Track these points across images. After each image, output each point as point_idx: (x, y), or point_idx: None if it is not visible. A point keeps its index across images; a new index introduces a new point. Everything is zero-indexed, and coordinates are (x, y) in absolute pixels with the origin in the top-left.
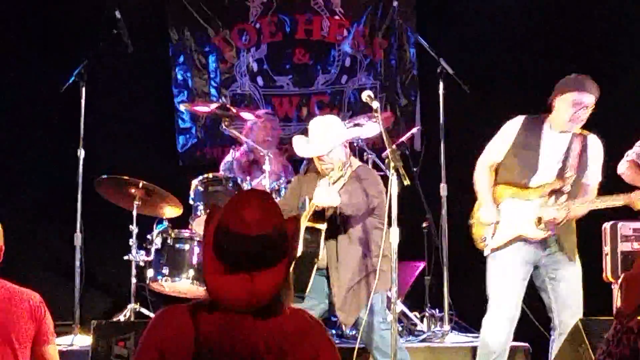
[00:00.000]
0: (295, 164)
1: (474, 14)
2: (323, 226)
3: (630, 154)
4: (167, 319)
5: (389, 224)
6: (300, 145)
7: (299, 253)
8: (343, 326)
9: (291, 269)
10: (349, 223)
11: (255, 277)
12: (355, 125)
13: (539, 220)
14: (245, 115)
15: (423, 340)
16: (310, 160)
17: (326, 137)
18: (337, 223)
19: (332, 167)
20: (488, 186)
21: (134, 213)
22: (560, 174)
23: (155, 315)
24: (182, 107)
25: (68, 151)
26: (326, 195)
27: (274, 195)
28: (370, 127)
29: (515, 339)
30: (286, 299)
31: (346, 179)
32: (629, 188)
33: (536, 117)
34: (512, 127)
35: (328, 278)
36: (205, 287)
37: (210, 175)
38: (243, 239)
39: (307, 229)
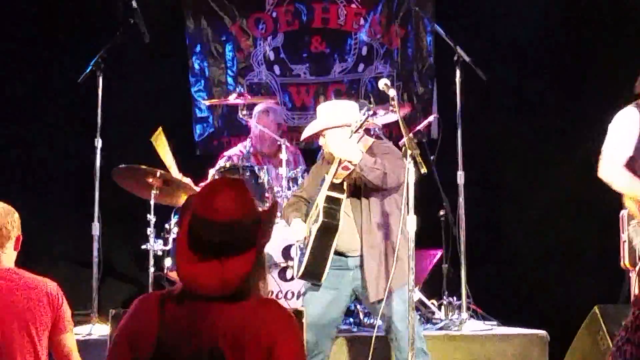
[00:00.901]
0: (308, 153)
1: (493, 1)
2: (342, 196)
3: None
4: (137, 309)
5: (407, 212)
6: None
7: (320, 223)
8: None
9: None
10: (370, 196)
11: (225, 264)
12: (373, 114)
13: None
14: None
15: (441, 329)
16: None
17: (329, 115)
18: (359, 195)
19: (337, 153)
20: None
21: (152, 202)
22: None
23: (132, 304)
24: (202, 104)
25: (85, 141)
26: (347, 147)
27: (290, 184)
28: (386, 117)
29: (534, 326)
30: (255, 286)
31: (364, 144)
32: None
33: None
34: (633, 119)
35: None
36: (177, 275)
37: (228, 164)
38: (212, 224)
39: (327, 198)
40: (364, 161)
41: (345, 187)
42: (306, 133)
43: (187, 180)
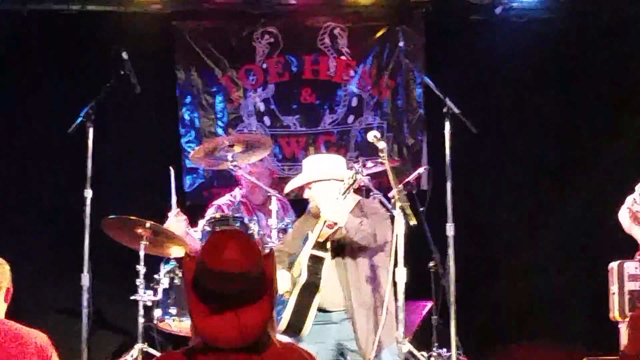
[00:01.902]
0: (298, 204)
1: (483, 54)
2: (326, 254)
3: (629, 201)
4: None
5: (396, 264)
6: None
7: (303, 280)
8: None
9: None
10: (356, 254)
11: (240, 314)
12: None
13: None
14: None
15: None
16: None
17: (314, 169)
18: (345, 252)
19: (322, 206)
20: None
21: (141, 253)
22: None
23: None
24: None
25: (75, 192)
26: (334, 209)
27: (280, 235)
28: (376, 167)
29: None
30: (272, 331)
31: (352, 202)
32: None
33: None
34: None
35: (343, 321)
36: (193, 331)
37: (218, 215)
38: (224, 276)
39: (311, 257)
40: (350, 223)
41: (328, 246)
42: (290, 186)
43: (178, 227)
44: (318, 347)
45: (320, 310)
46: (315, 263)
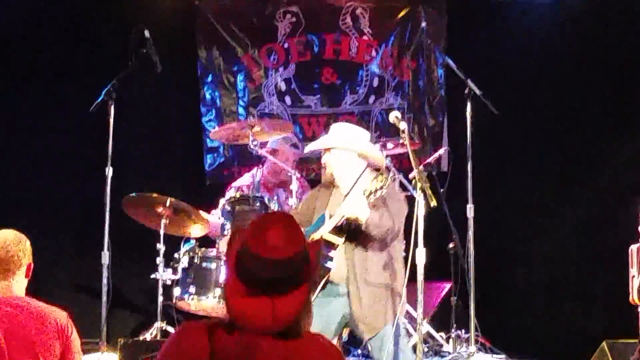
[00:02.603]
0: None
1: (505, 35)
2: (340, 241)
3: None
4: (184, 337)
5: (416, 245)
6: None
7: None
8: (364, 338)
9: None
10: (370, 240)
11: (276, 301)
12: (383, 147)
13: None
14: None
15: None
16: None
17: (338, 135)
18: (358, 239)
19: (337, 174)
20: None
21: (161, 232)
22: None
23: (173, 333)
24: (212, 136)
25: (96, 170)
26: (357, 205)
27: None
28: (396, 149)
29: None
30: (305, 322)
31: (377, 196)
32: None
33: None
34: None
35: (347, 294)
36: (227, 310)
37: (238, 194)
38: (265, 262)
39: (324, 242)
40: (371, 219)
41: (343, 231)
42: (312, 146)
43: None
44: (325, 320)
45: (326, 282)
46: (329, 249)
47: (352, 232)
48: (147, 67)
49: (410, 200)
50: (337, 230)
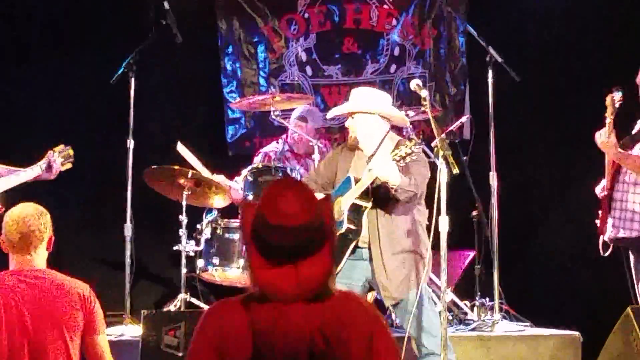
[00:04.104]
0: None
1: (527, 1)
2: (368, 204)
3: None
4: (220, 315)
5: (439, 213)
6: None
7: (343, 229)
8: (389, 307)
9: None
10: (395, 204)
11: (300, 267)
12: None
13: None
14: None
15: (473, 329)
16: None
17: (360, 99)
18: (384, 203)
19: (361, 137)
20: None
21: (184, 203)
22: None
23: (206, 312)
24: (233, 105)
25: (118, 142)
26: (389, 168)
27: None
28: (418, 116)
29: (566, 327)
30: (332, 281)
31: (405, 162)
32: None
33: None
34: None
35: (370, 259)
36: (253, 282)
37: (260, 165)
38: (283, 230)
39: (352, 205)
40: (402, 183)
41: (370, 195)
42: (335, 112)
43: (220, 177)
44: (349, 283)
45: (355, 246)
46: (357, 212)
47: (380, 195)
48: (167, 39)
49: (433, 167)
50: (364, 193)
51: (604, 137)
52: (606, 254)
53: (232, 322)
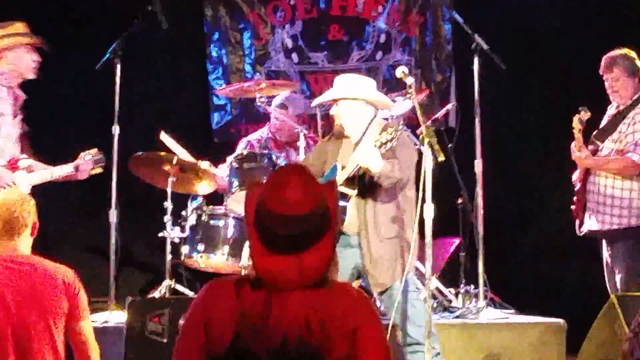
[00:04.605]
0: None
1: None
2: (353, 192)
3: None
4: (213, 293)
5: (424, 200)
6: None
7: None
8: (374, 293)
9: None
10: (380, 191)
11: (302, 257)
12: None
13: None
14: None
15: (457, 317)
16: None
17: (345, 86)
18: (369, 190)
19: (346, 124)
20: None
21: (169, 190)
22: None
23: (202, 290)
24: (218, 92)
25: (103, 128)
26: (370, 155)
27: None
28: (403, 104)
29: (551, 315)
30: (331, 271)
31: (387, 147)
32: None
33: None
34: None
35: (359, 246)
36: (253, 267)
37: (245, 152)
38: (287, 219)
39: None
40: (383, 170)
41: (356, 182)
42: (319, 99)
43: (205, 164)
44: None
45: (339, 233)
46: (342, 200)
47: (364, 183)
48: (153, 25)
49: (418, 155)
50: (350, 181)
51: (577, 153)
52: (581, 234)
53: (221, 302)
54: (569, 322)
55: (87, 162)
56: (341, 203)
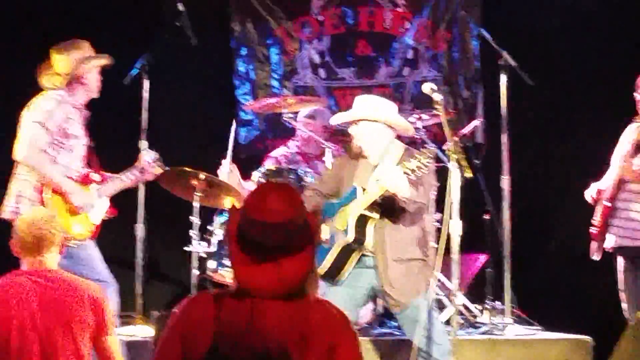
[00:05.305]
0: None
1: (541, 5)
2: (376, 216)
3: None
4: (190, 305)
5: (451, 216)
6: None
7: (350, 239)
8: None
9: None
10: (402, 215)
11: (281, 264)
12: (418, 119)
13: None
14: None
15: (484, 333)
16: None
17: (366, 106)
18: (391, 213)
19: (365, 145)
20: None
21: (195, 204)
22: None
23: (181, 302)
24: (245, 108)
25: (130, 143)
26: (398, 180)
27: None
28: (431, 120)
29: (578, 332)
30: (310, 285)
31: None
32: None
33: None
34: None
35: (375, 268)
36: (234, 278)
37: (273, 167)
38: (266, 226)
39: (360, 216)
40: (411, 195)
41: (378, 205)
42: (339, 118)
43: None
44: (352, 290)
45: (361, 256)
46: (364, 223)
47: (387, 206)
48: (180, 40)
49: (445, 172)
50: (372, 204)
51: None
52: (597, 259)
53: (198, 314)
54: (596, 339)
55: (149, 163)
56: (365, 228)
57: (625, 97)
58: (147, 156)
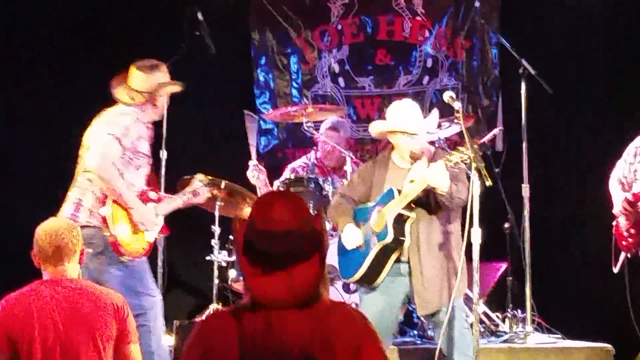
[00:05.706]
0: None
1: (560, 13)
2: (413, 214)
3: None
4: (210, 325)
5: (471, 224)
6: (382, 124)
7: (388, 240)
8: (421, 317)
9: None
10: (437, 213)
11: (292, 273)
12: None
13: None
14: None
15: (505, 341)
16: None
17: (408, 118)
18: (425, 212)
19: (404, 152)
20: None
21: (216, 214)
22: None
23: (198, 323)
24: (265, 117)
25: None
26: (441, 174)
27: None
28: (451, 128)
29: (599, 340)
30: (323, 289)
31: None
32: None
33: None
34: None
35: (408, 271)
36: (247, 291)
37: (292, 176)
38: (272, 236)
39: (398, 215)
40: (452, 190)
41: (414, 203)
42: (378, 128)
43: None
44: (388, 297)
45: (397, 258)
46: (402, 223)
47: (421, 205)
48: (200, 50)
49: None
50: (409, 204)
51: None
52: (617, 270)
53: (219, 331)
54: (617, 347)
55: (202, 187)
56: (403, 227)
57: None
58: (198, 183)
